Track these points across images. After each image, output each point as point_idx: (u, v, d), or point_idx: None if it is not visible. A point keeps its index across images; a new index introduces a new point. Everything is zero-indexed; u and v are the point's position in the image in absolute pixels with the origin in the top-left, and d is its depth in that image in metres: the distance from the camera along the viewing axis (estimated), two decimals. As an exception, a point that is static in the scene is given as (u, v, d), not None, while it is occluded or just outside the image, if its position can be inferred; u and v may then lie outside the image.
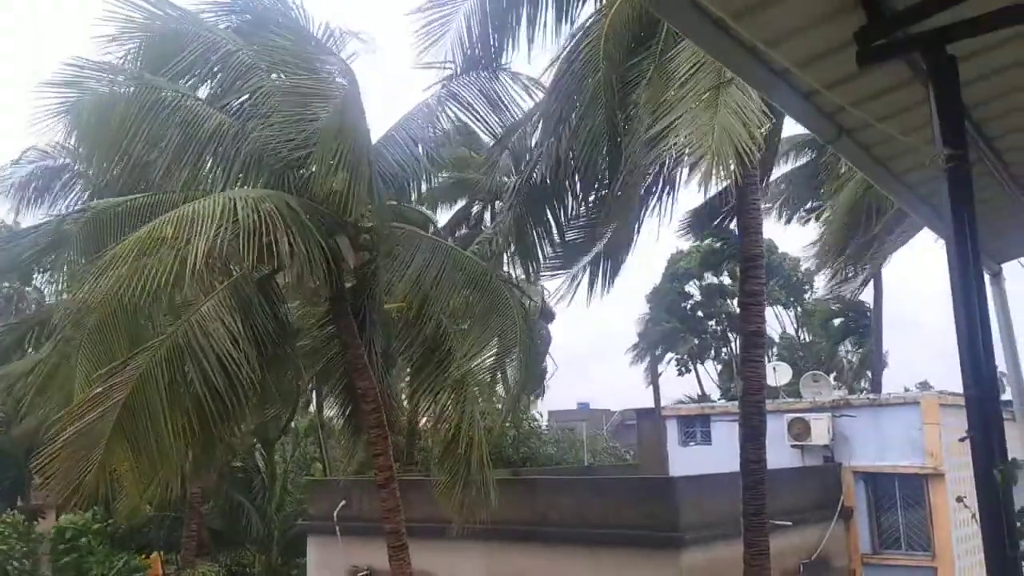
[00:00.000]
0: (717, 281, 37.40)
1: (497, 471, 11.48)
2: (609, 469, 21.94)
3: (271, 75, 10.43)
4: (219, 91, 10.75)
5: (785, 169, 21.07)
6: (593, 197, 10.99)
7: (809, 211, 22.11)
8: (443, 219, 22.13)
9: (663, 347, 38.59)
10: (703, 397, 37.20)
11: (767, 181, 12.63)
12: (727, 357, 37.79)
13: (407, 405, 20.63)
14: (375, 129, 11.04)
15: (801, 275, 35.07)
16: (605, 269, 11.56)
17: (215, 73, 10.71)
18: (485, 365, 11.13)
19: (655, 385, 38.66)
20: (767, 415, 10.26)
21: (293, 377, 11.39)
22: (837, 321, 33.82)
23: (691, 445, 17.81)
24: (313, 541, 16.24)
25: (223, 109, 10.43)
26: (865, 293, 25.11)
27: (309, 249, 9.27)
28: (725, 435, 15.97)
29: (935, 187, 3.29)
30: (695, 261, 36.20)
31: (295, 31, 10.53)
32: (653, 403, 35.35)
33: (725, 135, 7.40)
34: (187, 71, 10.55)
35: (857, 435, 15.48)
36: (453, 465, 10.55)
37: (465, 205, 23.25)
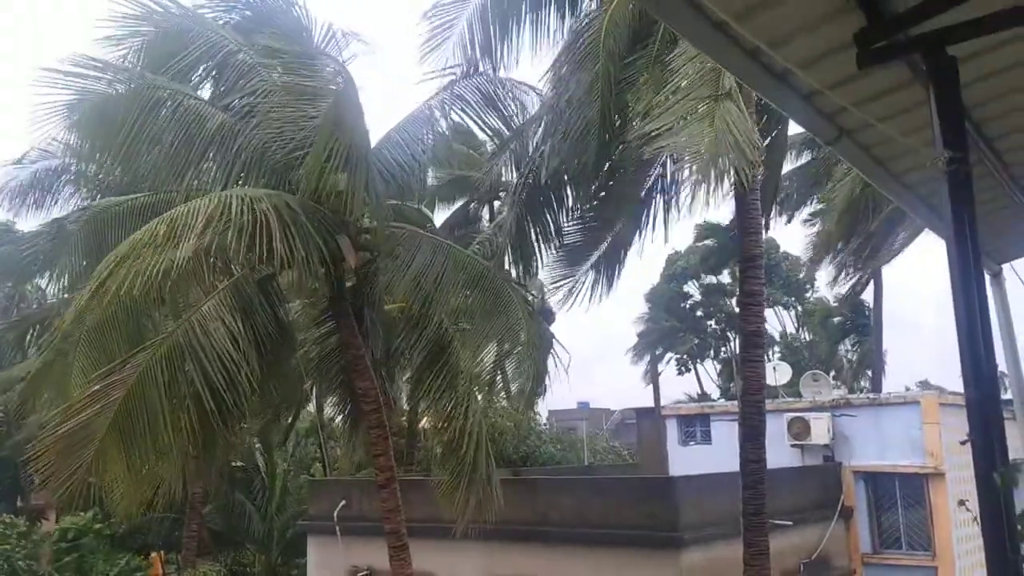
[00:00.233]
0: (716, 280, 37.39)
1: (498, 471, 11.47)
2: (609, 469, 21.93)
3: (272, 75, 10.42)
4: (221, 91, 10.73)
5: (786, 168, 21.03)
6: (592, 196, 11.01)
7: (813, 215, 22.14)
8: (441, 218, 22.16)
9: (663, 346, 38.59)
10: (703, 396, 37.20)
11: (777, 183, 12.63)
12: (727, 355, 37.78)
13: (407, 406, 20.67)
14: (375, 129, 11.04)
15: (802, 275, 35.03)
16: (608, 272, 11.59)
17: (217, 72, 10.69)
18: (489, 364, 11.13)
19: (655, 384, 38.68)
20: (767, 415, 10.26)
21: (295, 379, 11.37)
22: (836, 320, 33.78)
23: (691, 444, 17.80)
24: (313, 541, 16.24)
25: (225, 109, 10.41)
26: (865, 293, 25.17)
27: (308, 249, 9.25)
28: (725, 435, 15.97)
29: (935, 188, 3.28)
30: (695, 259, 36.19)
31: (296, 31, 10.52)
32: (653, 402, 35.34)
33: (718, 157, 7.44)
34: (189, 70, 10.53)
35: (857, 435, 15.47)
36: (456, 465, 10.54)
37: (464, 204, 23.24)
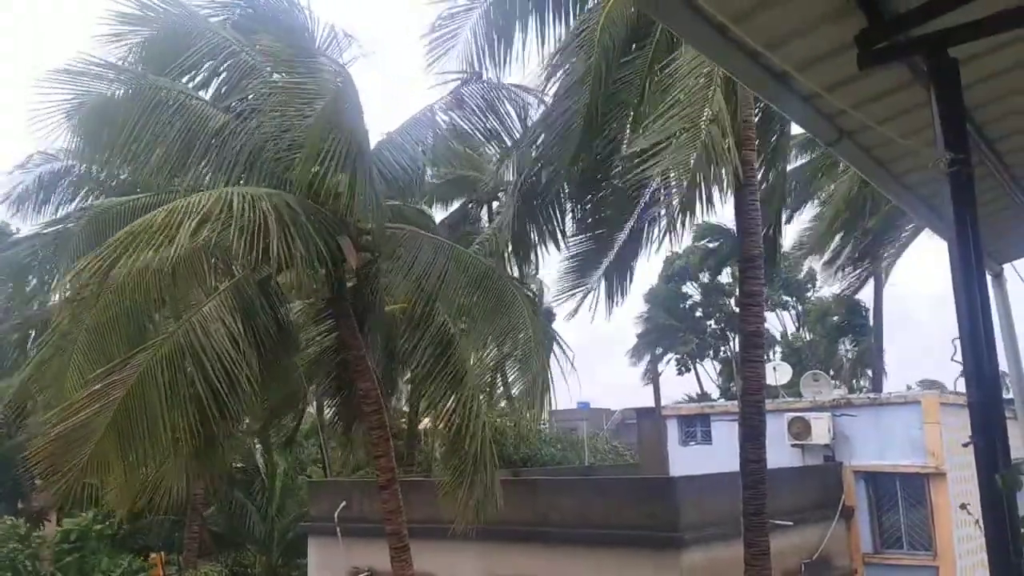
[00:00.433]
0: (715, 280, 37.37)
1: (498, 471, 11.46)
2: (609, 469, 21.92)
3: (273, 75, 10.41)
4: (222, 91, 10.73)
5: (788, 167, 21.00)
6: (595, 205, 11.07)
7: (816, 218, 22.11)
8: (439, 217, 22.15)
9: (663, 347, 38.58)
10: (703, 396, 37.19)
11: (784, 186, 12.66)
12: (727, 355, 37.76)
13: (406, 407, 20.66)
14: (376, 130, 11.08)
15: (802, 275, 35.00)
16: (620, 280, 11.66)
17: (218, 73, 10.69)
18: (492, 363, 11.11)
19: (655, 385, 38.66)
20: (767, 414, 10.24)
21: (297, 380, 11.36)
22: (833, 320, 33.76)
23: (691, 445, 17.78)
24: (314, 542, 16.22)
25: (226, 109, 10.41)
26: (865, 292, 25.14)
27: (309, 249, 9.25)
28: (725, 435, 15.96)
29: (936, 189, 3.28)
30: (695, 259, 36.18)
31: (298, 31, 10.51)
32: (653, 402, 35.33)
33: (697, 180, 7.70)
34: (190, 70, 10.54)
35: (858, 434, 15.45)
36: (459, 465, 10.53)
37: (463, 204, 23.24)
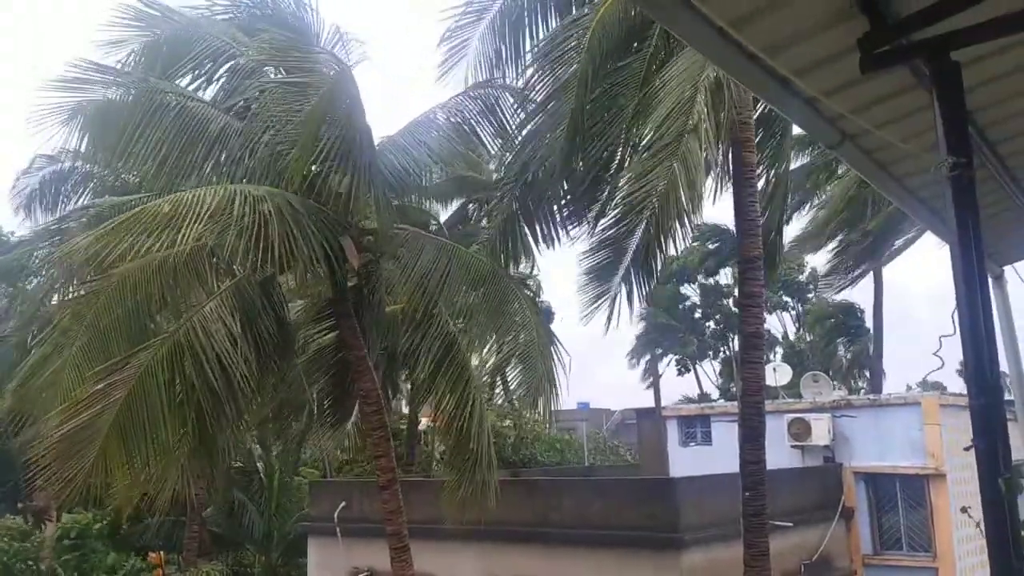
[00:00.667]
0: (713, 281, 37.38)
1: (498, 471, 11.46)
2: (609, 470, 21.93)
3: (274, 76, 10.42)
4: (221, 95, 10.76)
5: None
6: (597, 214, 11.13)
7: (814, 220, 22.07)
8: (442, 216, 22.17)
9: (662, 348, 38.56)
10: (703, 397, 37.20)
11: (787, 189, 12.68)
12: (727, 354, 37.74)
13: (406, 407, 20.66)
14: (378, 131, 11.06)
15: (803, 276, 34.99)
16: (640, 281, 11.70)
17: (220, 76, 10.72)
18: (495, 363, 11.11)
19: (655, 385, 38.65)
20: (767, 415, 10.25)
21: (300, 382, 11.36)
22: (830, 322, 33.74)
23: (691, 445, 17.80)
24: (314, 542, 16.23)
25: (227, 111, 10.42)
26: (865, 294, 25.13)
27: (311, 249, 9.26)
28: (725, 435, 15.97)
29: (938, 191, 3.28)
30: (695, 260, 36.16)
31: (303, 31, 10.51)
32: (653, 403, 35.33)
33: (670, 192, 8.12)
34: (191, 73, 10.56)
35: (858, 435, 15.46)
36: (460, 464, 10.52)
37: (463, 203, 23.27)
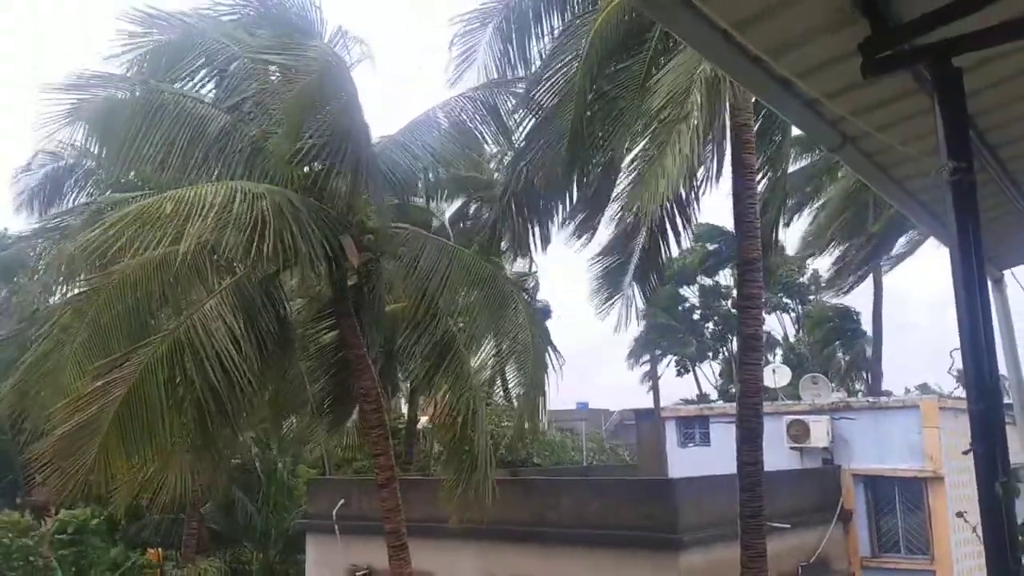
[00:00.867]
0: (713, 283, 37.35)
1: (496, 471, 11.47)
2: (608, 470, 21.94)
3: (273, 77, 10.44)
4: (222, 94, 10.78)
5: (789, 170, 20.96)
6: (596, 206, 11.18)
7: (815, 223, 22.08)
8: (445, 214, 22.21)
9: (661, 348, 38.55)
10: (702, 398, 37.19)
11: (784, 191, 12.73)
12: (727, 356, 37.72)
13: (405, 405, 20.66)
14: (379, 132, 11.10)
15: (805, 278, 34.96)
16: (647, 280, 11.88)
17: (221, 76, 10.73)
18: (492, 364, 11.13)
19: (654, 386, 38.63)
20: (766, 417, 10.27)
21: (300, 381, 11.39)
22: (829, 324, 33.73)
23: (690, 446, 17.81)
24: (312, 540, 16.25)
25: (228, 111, 10.44)
26: (864, 297, 25.13)
27: (310, 247, 9.26)
28: (724, 436, 15.97)
29: (938, 195, 3.28)
30: (694, 261, 36.15)
31: (307, 30, 10.51)
32: (652, 404, 35.33)
33: (656, 183, 8.22)
34: (194, 75, 10.61)
35: (857, 438, 15.47)
36: (459, 464, 10.54)
37: (464, 203, 23.29)
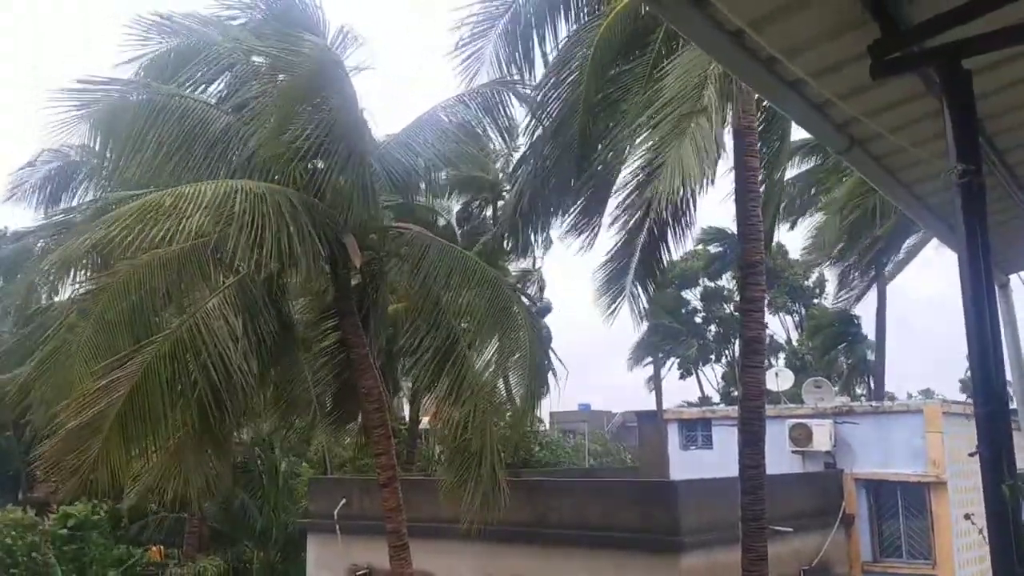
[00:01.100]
0: (715, 285, 37.31)
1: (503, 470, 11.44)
2: (609, 472, 21.92)
3: (278, 77, 10.45)
4: (227, 94, 10.82)
5: (790, 173, 20.93)
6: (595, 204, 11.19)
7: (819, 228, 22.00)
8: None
9: (664, 351, 38.49)
10: (704, 401, 37.15)
11: (781, 192, 12.73)
12: (729, 358, 37.67)
13: (407, 405, 20.68)
14: (379, 132, 11.10)
15: (810, 281, 34.90)
16: (649, 277, 11.94)
17: (224, 78, 10.78)
18: (493, 369, 11.13)
19: (657, 388, 38.58)
20: (769, 420, 10.26)
21: (304, 380, 11.40)
22: (830, 328, 33.65)
23: (692, 449, 17.78)
24: (313, 539, 16.25)
25: (230, 111, 10.46)
26: (867, 302, 25.06)
27: (311, 247, 9.28)
28: (726, 439, 15.93)
29: (946, 198, 3.28)
30: (698, 264, 36.13)
31: (311, 30, 10.52)
32: (655, 406, 35.28)
33: (678, 169, 7.95)
34: (198, 77, 10.66)
35: (859, 442, 15.43)
36: (463, 463, 10.52)
37: (467, 202, 23.32)
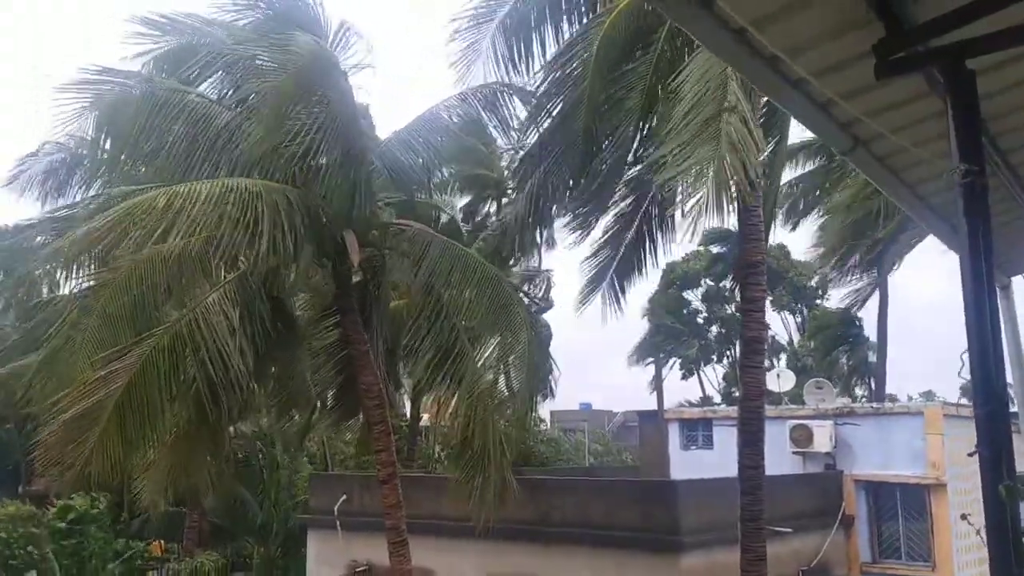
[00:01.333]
0: (716, 285, 37.27)
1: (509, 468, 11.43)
2: (609, 471, 21.92)
3: (273, 75, 10.46)
4: (226, 92, 10.84)
5: (795, 174, 20.91)
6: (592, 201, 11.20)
7: (822, 227, 21.95)
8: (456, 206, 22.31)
9: (665, 351, 38.47)
10: (705, 401, 37.12)
11: (777, 193, 12.72)
12: (731, 358, 37.62)
13: (408, 401, 20.70)
14: (380, 132, 11.11)
15: (813, 281, 34.83)
16: (620, 285, 11.92)
17: (225, 75, 10.78)
18: (493, 367, 11.14)
19: (659, 388, 38.57)
20: (770, 421, 10.26)
21: (304, 375, 11.41)
22: (830, 330, 33.60)
23: (692, 449, 17.78)
24: (313, 535, 16.27)
25: (231, 107, 10.48)
26: (869, 303, 25.03)
27: (312, 243, 9.29)
28: (727, 440, 15.92)
29: (949, 199, 3.27)
30: (700, 265, 36.10)
31: (311, 27, 10.52)
32: (656, 406, 35.27)
33: (722, 174, 7.37)
34: (199, 74, 10.67)
35: (860, 443, 15.43)
36: (468, 462, 10.53)
37: (472, 199, 23.32)
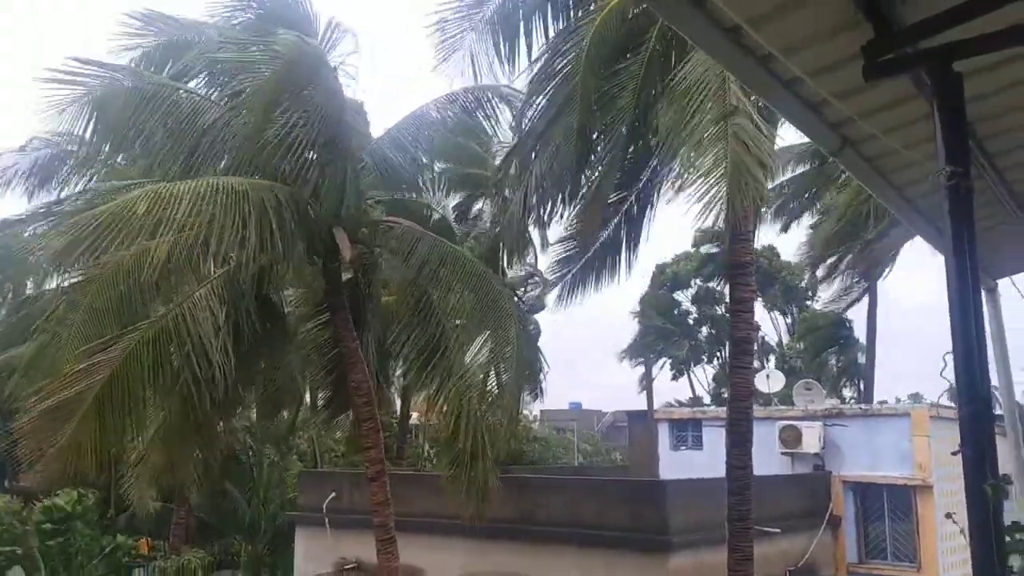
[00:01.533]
0: (707, 286, 37.36)
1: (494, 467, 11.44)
2: (598, 471, 21.96)
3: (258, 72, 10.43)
4: (214, 91, 10.81)
5: (787, 176, 20.97)
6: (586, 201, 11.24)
7: (813, 227, 22.03)
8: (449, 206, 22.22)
9: (656, 351, 38.54)
10: (695, 401, 37.21)
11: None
12: (721, 359, 37.72)
13: (398, 399, 20.68)
14: (375, 128, 11.08)
15: (803, 283, 34.97)
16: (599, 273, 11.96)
17: (213, 72, 10.75)
18: (482, 365, 11.14)
19: (648, 388, 38.64)
20: (759, 422, 10.30)
21: (292, 372, 11.38)
22: (820, 331, 33.76)
23: (682, 449, 17.83)
24: (301, 532, 16.23)
25: (221, 105, 10.44)
26: (859, 305, 25.16)
27: (301, 241, 9.27)
28: (716, 440, 15.97)
29: (935, 202, 3.29)
30: (691, 265, 36.18)
31: (301, 25, 10.49)
32: (646, 406, 35.32)
33: (736, 176, 7.22)
34: (188, 71, 10.65)
35: (848, 444, 15.51)
36: (455, 458, 10.54)
37: (464, 198, 23.26)
